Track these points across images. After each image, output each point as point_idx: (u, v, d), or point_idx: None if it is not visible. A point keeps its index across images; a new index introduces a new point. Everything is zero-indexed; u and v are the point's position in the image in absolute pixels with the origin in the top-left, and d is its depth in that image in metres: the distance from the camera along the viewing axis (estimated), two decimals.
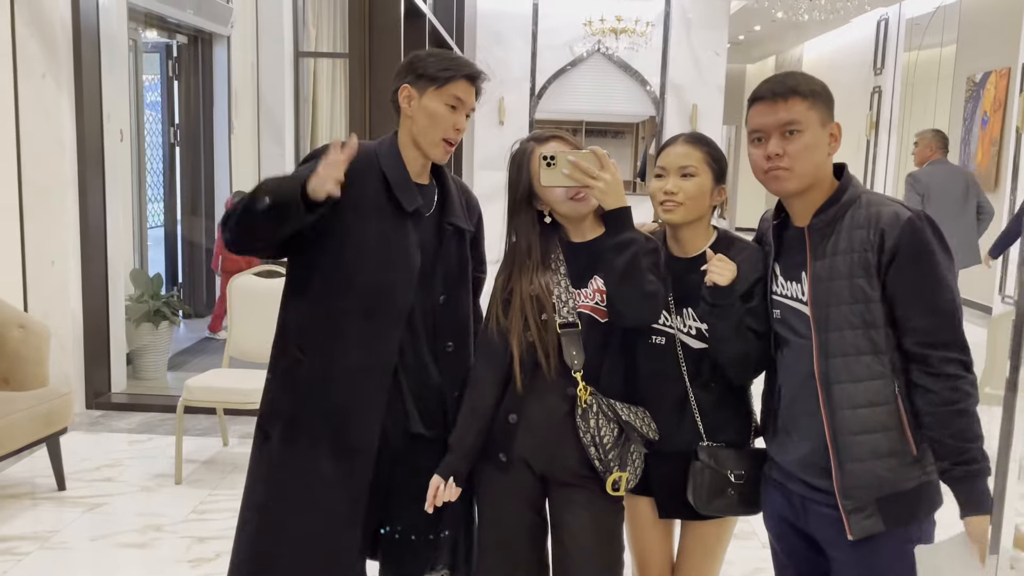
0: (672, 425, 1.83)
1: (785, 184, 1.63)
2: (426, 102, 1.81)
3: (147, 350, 5.14)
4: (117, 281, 4.75)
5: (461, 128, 1.83)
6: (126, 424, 4.37)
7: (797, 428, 1.68)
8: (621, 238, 1.73)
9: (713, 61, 10.76)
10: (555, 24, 10.73)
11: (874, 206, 1.59)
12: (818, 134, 1.61)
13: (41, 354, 3.53)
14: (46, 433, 3.40)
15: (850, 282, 1.57)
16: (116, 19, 4.82)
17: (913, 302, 1.55)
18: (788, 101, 1.60)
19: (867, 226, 1.57)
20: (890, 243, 1.54)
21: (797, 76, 1.65)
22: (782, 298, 1.71)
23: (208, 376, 3.83)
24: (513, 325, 1.81)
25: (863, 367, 1.57)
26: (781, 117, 1.60)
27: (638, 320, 1.78)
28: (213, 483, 3.64)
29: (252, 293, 3.91)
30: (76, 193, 4.40)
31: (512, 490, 1.85)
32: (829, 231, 1.62)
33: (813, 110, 1.60)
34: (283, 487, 1.87)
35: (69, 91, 4.33)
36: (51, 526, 3.20)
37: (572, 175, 1.73)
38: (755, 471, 1.82)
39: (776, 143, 1.61)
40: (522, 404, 1.82)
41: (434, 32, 5.84)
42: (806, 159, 1.60)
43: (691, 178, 1.81)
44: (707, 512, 1.83)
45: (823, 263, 1.61)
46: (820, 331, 1.60)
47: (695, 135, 1.89)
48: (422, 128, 1.82)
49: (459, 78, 1.81)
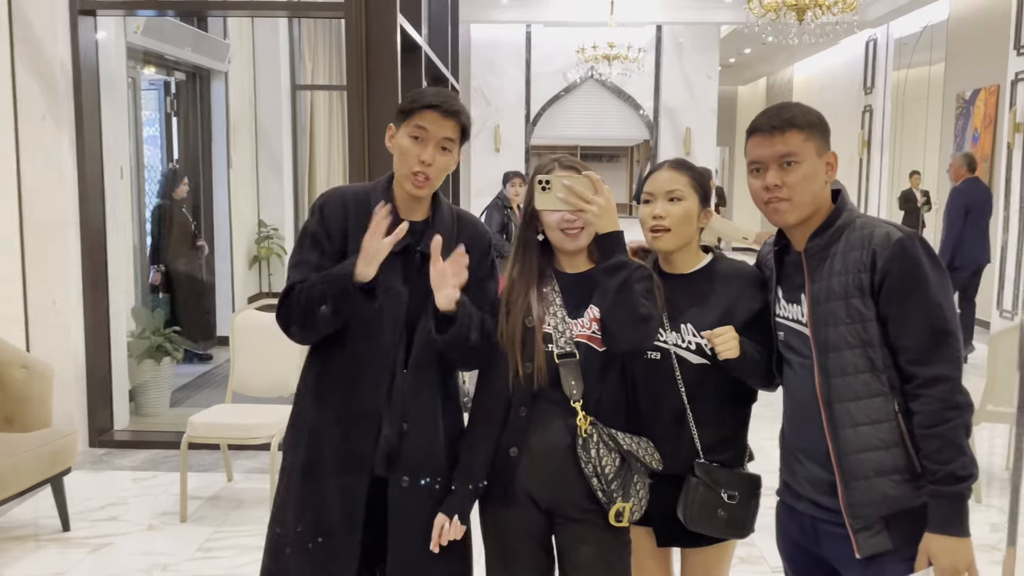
0: (669, 443, 1.84)
1: (785, 216, 1.67)
2: (398, 137, 1.84)
3: (149, 386, 5.13)
4: (119, 318, 4.76)
5: (426, 160, 1.79)
6: (130, 462, 4.36)
7: (803, 448, 1.71)
8: (613, 261, 1.76)
9: (705, 84, 10.87)
10: (548, 52, 10.85)
11: (867, 228, 1.63)
12: (815, 164, 1.64)
13: (44, 394, 3.53)
14: (50, 474, 3.39)
15: (846, 303, 1.60)
16: (115, 59, 4.88)
17: (903, 322, 1.57)
18: (785, 134, 1.63)
19: (860, 247, 1.60)
20: (881, 263, 1.57)
21: (793, 108, 1.67)
22: (785, 320, 1.74)
23: (211, 412, 3.83)
24: (510, 351, 1.82)
25: (862, 385, 1.60)
26: (778, 149, 1.64)
27: (632, 344, 1.79)
28: (218, 520, 3.63)
29: (254, 327, 3.92)
30: (77, 231, 4.43)
31: (517, 526, 1.85)
32: (825, 254, 1.65)
33: (810, 141, 1.64)
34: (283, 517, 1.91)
35: (69, 131, 4.37)
36: (56, 568, 3.19)
37: (567, 199, 1.76)
38: (748, 494, 1.84)
39: (774, 175, 1.65)
40: (523, 437, 1.82)
41: (430, 64, 5.90)
42: (804, 189, 1.64)
43: (678, 202, 1.86)
44: (695, 528, 1.83)
45: (820, 286, 1.64)
46: (820, 352, 1.63)
47: (679, 161, 1.96)
48: (396, 163, 1.85)
49: (420, 108, 1.81)
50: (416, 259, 1.85)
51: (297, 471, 1.89)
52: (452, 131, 1.83)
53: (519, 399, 1.82)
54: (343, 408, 1.86)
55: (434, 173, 1.82)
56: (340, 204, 1.90)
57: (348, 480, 1.84)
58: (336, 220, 1.88)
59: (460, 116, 1.84)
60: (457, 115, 1.83)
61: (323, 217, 1.88)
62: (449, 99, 1.84)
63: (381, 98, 4.54)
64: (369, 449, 1.84)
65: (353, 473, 1.84)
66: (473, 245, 1.89)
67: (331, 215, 1.88)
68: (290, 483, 1.91)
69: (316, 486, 1.86)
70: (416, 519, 1.85)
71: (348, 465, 1.85)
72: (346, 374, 1.86)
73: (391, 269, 1.82)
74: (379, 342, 1.84)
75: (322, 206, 1.90)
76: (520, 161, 10.88)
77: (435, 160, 1.81)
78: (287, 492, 1.91)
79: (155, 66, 6.30)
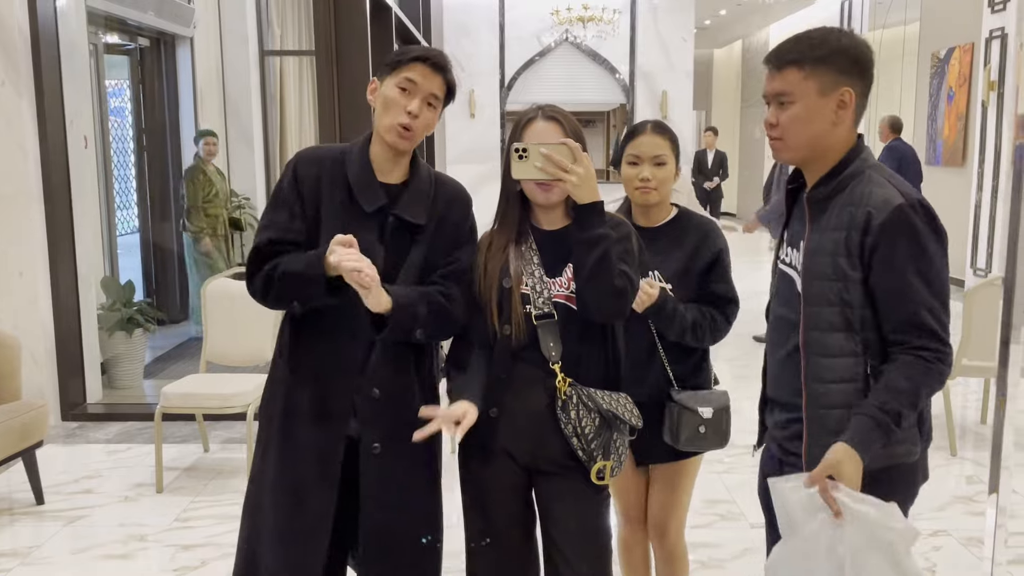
0: (641, 372, 2.04)
1: (780, 154, 1.63)
2: (384, 89, 1.80)
3: (122, 359, 5.06)
4: (88, 290, 4.68)
5: (413, 112, 1.76)
6: (104, 435, 4.30)
7: (782, 394, 1.69)
8: (592, 235, 1.71)
9: (680, 47, 10.79)
10: (522, 14, 10.71)
11: (870, 185, 1.56)
12: (813, 104, 1.56)
13: (13, 367, 3.46)
14: (21, 447, 3.34)
15: (833, 259, 1.56)
16: (75, 24, 4.73)
17: (895, 294, 1.52)
18: (782, 71, 1.57)
19: (857, 205, 1.55)
20: (876, 227, 1.51)
21: (803, 41, 1.58)
22: (783, 265, 1.71)
23: (185, 382, 3.77)
24: (487, 313, 1.80)
25: (835, 344, 1.57)
26: (774, 86, 1.59)
27: (606, 317, 1.78)
28: (195, 490, 3.60)
29: (228, 296, 3.86)
30: (41, 202, 4.32)
31: (497, 481, 1.84)
32: (825, 205, 1.60)
33: (811, 79, 1.55)
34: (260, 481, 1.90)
35: (30, 98, 4.24)
36: (31, 541, 3.14)
37: (544, 168, 1.70)
38: (721, 408, 2.05)
39: (771, 112, 1.61)
40: (502, 397, 1.80)
41: (401, 26, 5.79)
42: (797, 131, 1.58)
43: (663, 166, 2.06)
44: (684, 448, 2.06)
45: (815, 237, 1.60)
46: (806, 302, 1.60)
47: (660, 125, 2.13)
48: (379, 115, 1.80)
49: (410, 60, 1.78)
50: (391, 221, 1.81)
51: (275, 427, 1.86)
52: (439, 87, 1.81)
53: (498, 361, 1.80)
54: (319, 367, 1.83)
55: (418, 126, 1.78)
56: (314, 163, 1.85)
57: (323, 435, 1.82)
58: (309, 179, 1.83)
59: (448, 73, 1.82)
60: (445, 71, 1.81)
61: (296, 177, 1.83)
62: (439, 54, 1.82)
63: (351, 61, 4.44)
64: (345, 408, 1.82)
65: (329, 430, 1.82)
66: (452, 208, 1.85)
67: (304, 175, 1.83)
68: (268, 441, 1.88)
69: (292, 441, 1.84)
70: (388, 484, 1.83)
71: (323, 421, 1.82)
72: (322, 333, 1.83)
73: (365, 229, 1.78)
74: (353, 302, 1.78)
75: (295, 165, 1.85)
76: (496, 127, 10.77)
77: (421, 113, 1.78)
78: (264, 448, 1.89)
79: (117, 32, 6.12)
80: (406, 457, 1.84)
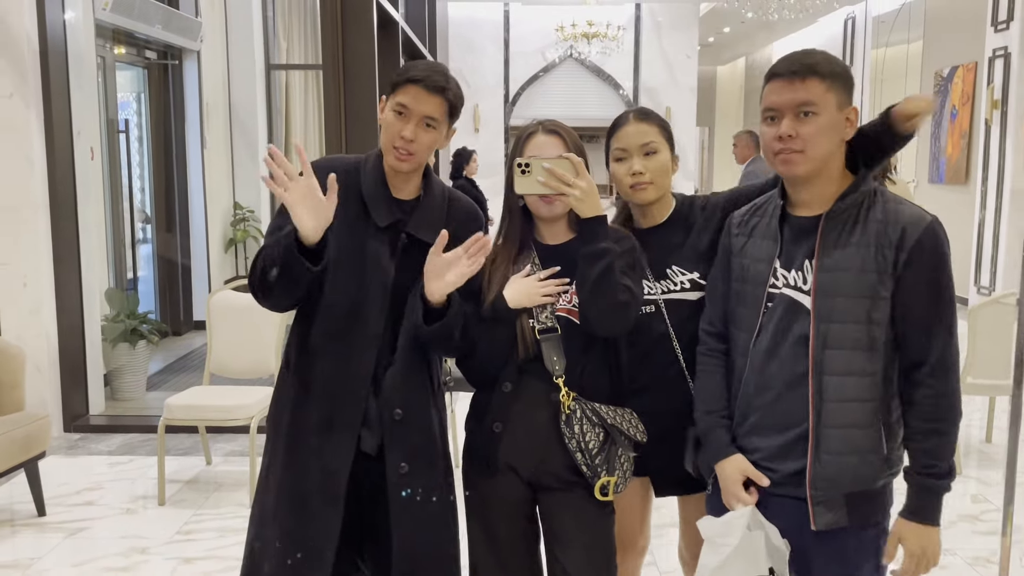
0: (661, 394, 1.86)
1: (795, 168, 1.56)
2: (385, 110, 1.78)
3: (125, 370, 5.05)
4: (92, 301, 4.68)
5: (407, 137, 1.72)
6: (106, 446, 4.29)
7: (776, 418, 1.62)
8: (595, 248, 1.71)
9: (684, 64, 10.84)
10: (527, 30, 10.77)
11: (893, 202, 1.55)
12: (834, 117, 1.54)
13: (16, 378, 3.45)
14: (24, 458, 3.33)
15: (860, 276, 1.54)
16: (84, 36, 4.76)
17: (922, 314, 1.53)
18: (805, 81, 1.53)
19: (886, 221, 1.53)
20: (910, 243, 1.51)
21: (817, 55, 1.56)
22: (777, 290, 1.63)
23: (188, 394, 3.77)
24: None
25: (858, 362, 1.55)
26: (797, 97, 1.53)
27: (609, 330, 1.77)
28: (197, 503, 3.59)
29: (230, 308, 3.86)
30: (47, 213, 4.33)
31: (500, 496, 1.83)
32: (846, 218, 1.57)
33: (831, 92, 1.54)
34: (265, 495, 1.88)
35: (38, 110, 4.27)
36: (32, 553, 3.13)
37: (547, 183, 1.70)
38: None
39: (789, 124, 1.54)
40: (507, 412, 1.80)
41: (408, 41, 5.82)
42: (819, 143, 1.54)
43: (654, 155, 1.86)
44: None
45: (834, 252, 1.56)
46: (821, 321, 1.56)
47: (643, 110, 1.94)
48: (381, 136, 1.80)
49: (404, 82, 1.75)
50: (403, 238, 1.80)
51: (282, 439, 1.85)
52: (435, 108, 1.75)
53: (503, 375, 1.80)
54: (326, 378, 1.81)
55: (417, 149, 1.75)
56: (328, 173, 1.80)
57: (331, 448, 1.80)
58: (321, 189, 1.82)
59: (446, 93, 1.75)
60: (442, 92, 1.75)
61: None
62: (435, 75, 1.76)
63: (358, 76, 4.45)
64: (353, 421, 1.80)
65: (338, 444, 1.80)
66: (463, 229, 1.82)
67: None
68: (274, 453, 1.86)
69: (298, 454, 1.82)
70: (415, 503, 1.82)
71: (331, 434, 1.80)
72: (330, 347, 1.81)
73: (377, 243, 1.78)
74: (363, 316, 1.79)
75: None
76: (500, 141, 10.80)
77: (417, 136, 1.74)
78: (271, 460, 1.87)
79: (125, 45, 6.16)
80: (427, 475, 1.83)
